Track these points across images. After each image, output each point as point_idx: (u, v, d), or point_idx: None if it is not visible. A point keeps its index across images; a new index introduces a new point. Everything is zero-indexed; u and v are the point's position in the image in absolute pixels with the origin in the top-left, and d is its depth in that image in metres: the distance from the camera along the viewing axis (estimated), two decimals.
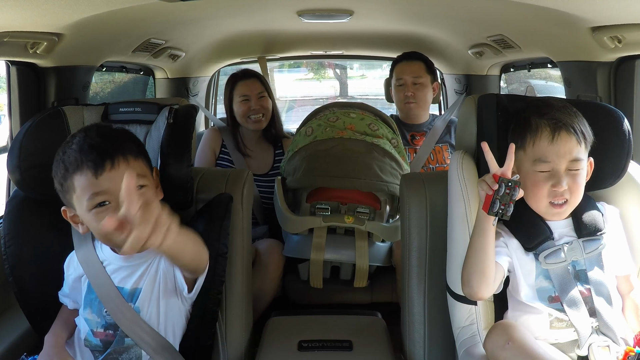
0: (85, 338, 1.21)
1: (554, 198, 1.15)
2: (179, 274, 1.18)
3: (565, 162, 1.14)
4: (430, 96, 2.37)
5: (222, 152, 2.33)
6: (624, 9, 1.40)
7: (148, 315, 1.19)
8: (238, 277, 1.40)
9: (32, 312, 1.32)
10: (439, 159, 2.30)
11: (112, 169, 1.06)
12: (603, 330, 1.14)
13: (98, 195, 1.06)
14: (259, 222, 2.21)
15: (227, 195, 1.34)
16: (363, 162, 1.81)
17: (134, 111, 1.39)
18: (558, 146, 1.14)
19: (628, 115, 1.36)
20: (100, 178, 1.06)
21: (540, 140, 1.15)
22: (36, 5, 1.31)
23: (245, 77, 2.33)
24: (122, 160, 1.08)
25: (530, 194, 1.18)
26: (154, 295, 1.19)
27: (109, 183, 1.06)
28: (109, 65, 2.37)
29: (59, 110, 1.35)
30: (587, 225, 1.19)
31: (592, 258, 1.19)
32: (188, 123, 1.35)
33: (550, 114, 1.16)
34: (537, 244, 1.18)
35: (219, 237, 1.26)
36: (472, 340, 1.21)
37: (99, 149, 1.08)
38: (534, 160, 1.16)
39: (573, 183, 1.15)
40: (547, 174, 1.15)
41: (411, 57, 2.39)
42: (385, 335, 1.50)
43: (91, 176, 1.06)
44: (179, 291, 1.20)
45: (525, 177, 1.17)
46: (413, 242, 1.40)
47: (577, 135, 1.14)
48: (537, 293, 1.18)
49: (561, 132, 1.14)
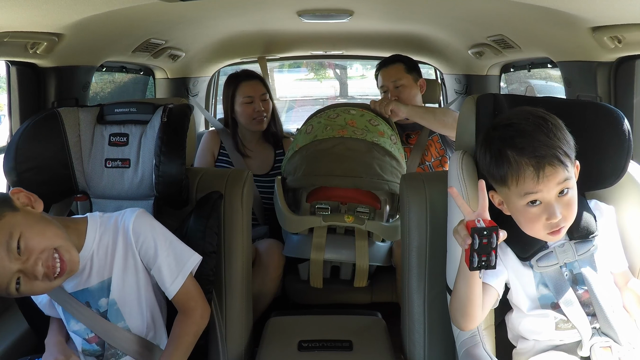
0: (82, 349, 1.23)
1: (549, 229, 1.11)
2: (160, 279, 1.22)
3: (554, 190, 1.08)
4: (416, 94, 2.35)
5: (221, 153, 2.33)
6: (624, 9, 1.40)
7: (128, 303, 1.21)
8: (238, 277, 1.40)
9: (30, 313, 1.32)
10: (432, 152, 2.30)
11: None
12: (604, 330, 1.14)
13: None
14: (259, 222, 2.21)
15: (216, 194, 1.35)
16: (364, 161, 1.81)
17: (129, 111, 1.39)
18: (545, 181, 1.07)
19: (628, 115, 1.36)
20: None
21: (525, 179, 1.07)
22: (36, 5, 1.31)
23: (249, 78, 2.32)
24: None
25: (526, 228, 1.14)
26: (127, 281, 1.21)
27: None
28: (109, 65, 2.37)
29: (55, 112, 1.36)
30: (579, 228, 1.18)
31: (585, 260, 1.18)
32: (182, 122, 1.35)
33: (529, 150, 1.06)
34: (533, 254, 1.17)
35: (204, 236, 1.28)
36: (472, 340, 1.21)
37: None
38: (520, 196, 1.10)
39: (567, 208, 1.10)
40: (538, 207, 1.09)
41: (388, 63, 2.40)
42: (385, 335, 1.50)
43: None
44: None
45: (516, 213, 1.13)
46: (413, 242, 1.40)
47: (562, 162, 1.07)
48: (540, 301, 1.17)
49: (545, 168, 1.06)
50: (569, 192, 1.10)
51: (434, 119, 2.12)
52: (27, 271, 1.04)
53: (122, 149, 1.36)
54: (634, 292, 1.19)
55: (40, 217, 1.12)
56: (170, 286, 1.21)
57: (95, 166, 1.35)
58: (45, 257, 1.05)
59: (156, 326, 1.25)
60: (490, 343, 1.21)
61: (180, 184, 1.31)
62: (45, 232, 1.08)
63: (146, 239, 1.20)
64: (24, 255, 1.04)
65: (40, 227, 1.08)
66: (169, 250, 1.22)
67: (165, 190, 1.31)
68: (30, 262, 1.03)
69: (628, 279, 1.21)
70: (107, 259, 1.20)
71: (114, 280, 1.19)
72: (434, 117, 2.12)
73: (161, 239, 1.22)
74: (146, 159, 1.34)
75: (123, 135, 1.37)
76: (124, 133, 1.37)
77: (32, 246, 1.04)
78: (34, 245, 1.04)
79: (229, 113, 2.34)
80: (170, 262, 1.21)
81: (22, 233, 1.04)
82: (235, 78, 2.34)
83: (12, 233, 1.03)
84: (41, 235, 1.07)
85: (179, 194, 1.33)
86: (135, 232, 1.20)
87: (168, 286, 1.21)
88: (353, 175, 1.79)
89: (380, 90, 2.42)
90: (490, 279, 1.16)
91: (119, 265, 1.20)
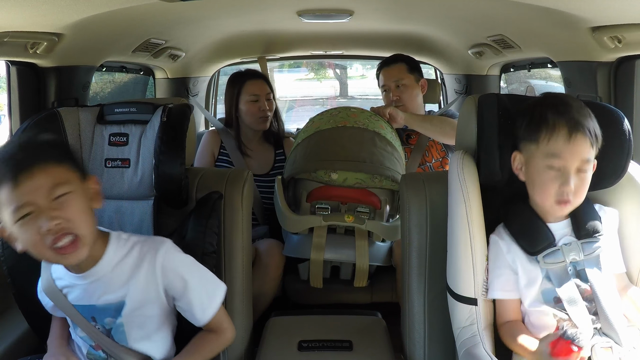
0: (87, 352, 1.21)
1: (560, 197, 1.15)
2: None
3: (577, 162, 1.14)
4: (417, 94, 2.36)
5: (221, 153, 2.33)
6: (624, 9, 1.40)
7: (136, 328, 1.17)
8: (238, 277, 1.40)
9: (30, 313, 1.32)
10: (433, 153, 2.30)
11: (31, 179, 1.02)
12: (605, 331, 1.14)
13: (21, 208, 1.01)
14: (259, 222, 2.21)
15: (216, 194, 1.34)
16: (366, 148, 1.81)
17: (129, 111, 1.39)
18: (573, 146, 1.13)
19: (628, 115, 1.36)
20: (21, 190, 1.01)
21: (557, 137, 1.14)
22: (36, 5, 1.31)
23: (255, 77, 2.33)
24: (40, 169, 1.03)
25: (538, 192, 1.18)
26: (142, 310, 1.17)
27: (29, 194, 1.01)
28: (109, 65, 2.37)
29: (55, 112, 1.35)
30: (585, 226, 1.20)
31: (591, 260, 1.19)
32: (181, 121, 1.35)
33: (568, 114, 1.14)
34: (541, 249, 1.19)
35: (204, 236, 1.27)
36: (473, 340, 1.21)
37: (15, 160, 1.04)
38: (546, 155, 1.15)
39: (580, 184, 1.15)
40: (556, 173, 1.15)
41: (390, 62, 2.39)
42: (385, 335, 1.50)
43: (12, 190, 1.01)
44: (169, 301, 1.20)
45: (534, 172, 1.18)
46: (413, 242, 1.40)
47: (592, 138, 1.14)
48: (542, 295, 1.18)
49: (578, 134, 1.13)
50: (586, 175, 1.15)
51: (431, 127, 2.11)
52: (43, 212, 1.00)
53: (122, 148, 1.36)
54: (633, 300, 1.20)
55: (90, 205, 1.10)
56: (201, 317, 1.20)
57: (95, 166, 1.35)
58: (65, 227, 1.01)
59: (159, 345, 1.23)
60: (490, 343, 1.21)
61: (179, 183, 1.31)
62: (84, 215, 1.05)
63: (175, 277, 1.17)
64: (55, 206, 1.01)
65: (84, 207, 1.06)
66: (200, 286, 1.19)
67: (165, 190, 1.31)
68: (52, 213, 1.00)
69: (625, 283, 1.23)
70: (121, 284, 1.14)
71: (128, 305, 1.15)
72: (431, 125, 2.11)
73: (190, 275, 1.19)
74: (146, 158, 1.33)
75: (123, 135, 1.36)
76: (123, 133, 1.37)
77: (66, 210, 1.02)
78: (68, 211, 1.02)
79: (232, 111, 2.33)
80: (202, 297, 1.19)
81: (69, 195, 1.03)
82: (241, 77, 2.34)
83: (61, 186, 1.02)
84: (80, 212, 1.04)
85: (178, 194, 1.33)
86: (163, 267, 1.15)
87: (198, 317, 1.20)
88: (357, 160, 1.79)
89: (382, 90, 2.42)
90: (509, 293, 1.21)
91: (136, 293, 1.15)
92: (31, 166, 1.02)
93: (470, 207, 1.23)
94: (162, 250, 1.16)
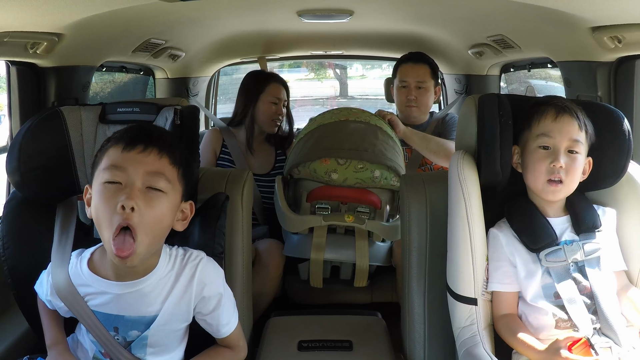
0: (94, 356, 1.18)
1: (551, 175, 1.20)
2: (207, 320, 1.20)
3: (565, 141, 1.20)
4: (432, 100, 2.36)
5: (223, 152, 2.33)
6: (624, 9, 1.40)
7: (159, 343, 1.15)
8: (238, 277, 1.40)
9: (31, 313, 1.32)
10: None
11: (142, 152, 1.05)
12: (605, 331, 1.15)
13: (115, 170, 1.03)
14: (260, 222, 2.21)
15: (223, 195, 1.34)
16: (368, 140, 1.82)
17: (132, 111, 1.38)
18: (561, 124, 1.20)
19: (628, 115, 1.36)
20: (127, 155, 1.04)
21: (545, 118, 1.22)
22: (36, 5, 1.31)
23: (279, 82, 2.36)
24: (156, 151, 1.06)
25: (530, 170, 1.24)
26: (170, 325, 1.15)
27: (131, 163, 1.04)
28: (109, 65, 2.37)
29: (57, 111, 1.35)
30: (584, 221, 1.23)
31: (592, 261, 1.20)
32: (194, 123, 1.36)
33: (557, 101, 1.25)
34: (543, 247, 1.20)
35: (214, 237, 1.26)
36: (473, 340, 1.21)
37: (144, 130, 1.09)
38: (537, 136, 1.22)
39: (571, 164, 1.19)
40: (547, 151, 1.21)
41: (417, 60, 2.34)
42: (385, 335, 1.50)
43: (120, 151, 1.05)
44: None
45: (527, 156, 1.24)
46: (413, 242, 1.40)
47: (579, 122, 1.21)
48: (543, 290, 1.20)
49: (565, 114, 1.21)
50: (577, 156, 1.20)
51: (427, 149, 2.11)
52: (130, 188, 1.01)
53: None
54: (633, 301, 1.21)
55: (171, 220, 1.11)
56: (225, 331, 1.21)
57: None
58: (132, 220, 1.00)
59: (175, 359, 1.23)
60: (490, 343, 1.21)
61: (196, 186, 1.31)
62: (158, 225, 1.06)
63: (211, 294, 1.16)
64: (143, 192, 1.03)
65: (164, 216, 1.07)
66: (228, 300, 1.21)
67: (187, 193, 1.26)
68: (136, 195, 1.01)
69: (625, 282, 1.24)
70: (162, 299, 1.12)
71: (159, 319, 1.12)
72: (427, 147, 2.10)
73: (224, 289, 1.20)
74: None
75: None
76: None
77: (148, 203, 1.02)
78: (148, 206, 1.02)
79: (249, 109, 2.32)
80: (229, 310, 1.21)
81: (160, 194, 1.04)
82: (267, 77, 2.36)
83: (160, 180, 1.05)
84: (157, 218, 1.04)
85: (195, 195, 1.30)
86: (200, 281, 1.15)
87: (223, 331, 1.20)
88: (359, 149, 1.79)
89: (398, 85, 2.36)
90: (508, 286, 1.23)
91: (170, 307, 1.13)
92: (152, 143, 1.06)
93: (470, 207, 1.23)
94: (201, 265, 1.16)
